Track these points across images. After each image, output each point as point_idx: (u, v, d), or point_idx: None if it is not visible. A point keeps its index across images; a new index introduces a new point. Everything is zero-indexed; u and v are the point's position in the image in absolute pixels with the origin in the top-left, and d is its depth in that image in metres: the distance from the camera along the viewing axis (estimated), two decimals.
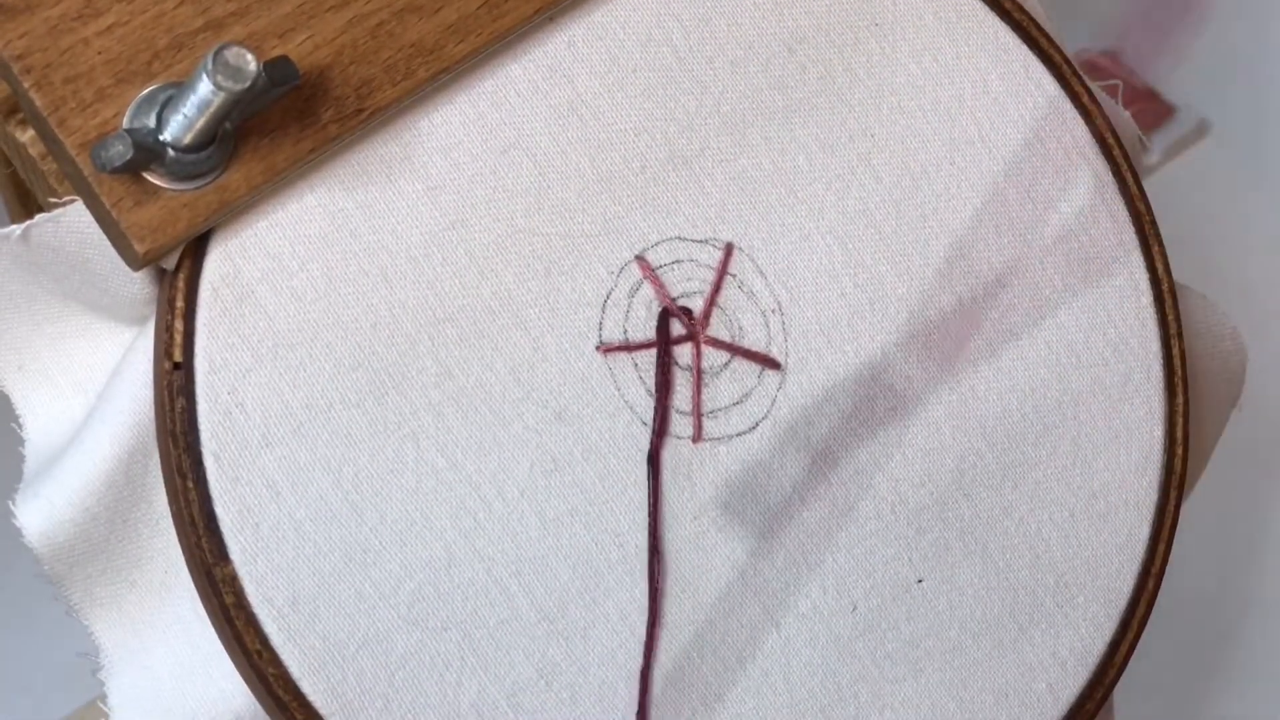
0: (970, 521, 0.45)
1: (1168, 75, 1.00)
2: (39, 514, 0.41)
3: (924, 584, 0.44)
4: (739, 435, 0.43)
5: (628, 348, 0.43)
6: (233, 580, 0.40)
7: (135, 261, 0.39)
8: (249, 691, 0.41)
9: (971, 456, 0.45)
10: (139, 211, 0.38)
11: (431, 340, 0.41)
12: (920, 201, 0.45)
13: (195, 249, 0.40)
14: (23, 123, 0.40)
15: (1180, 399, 0.47)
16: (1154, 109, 1.00)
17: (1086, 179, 0.47)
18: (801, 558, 0.43)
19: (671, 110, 0.43)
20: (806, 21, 0.45)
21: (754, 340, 0.44)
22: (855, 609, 0.44)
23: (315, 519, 0.40)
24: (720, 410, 0.43)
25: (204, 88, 0.35)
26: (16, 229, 0.40)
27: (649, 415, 0.42)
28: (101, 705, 0.42)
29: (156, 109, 0.37)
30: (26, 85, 0.37)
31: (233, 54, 0.35)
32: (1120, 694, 0.48)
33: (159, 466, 0.41)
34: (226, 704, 0.41)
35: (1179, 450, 0.47)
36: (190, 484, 0.39)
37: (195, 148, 0.37)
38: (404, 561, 0.40)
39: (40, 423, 0.43)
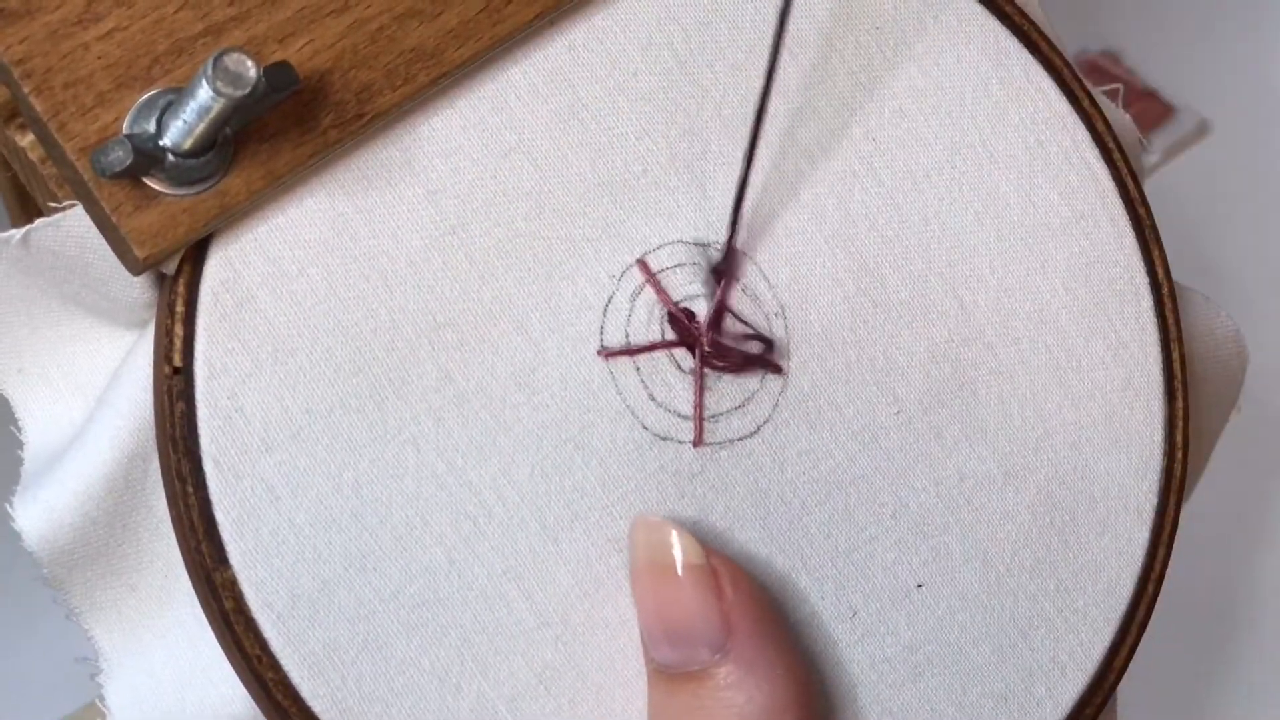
0: (971, 527, 0.45)
1: (1168, 75, 1.00)
2: (38, 517, 0.41)
3: (924, 589, 0.44)
4: (740, 439, 0.43)
5: (630, 351, 0.43)
6: (232, 585, 0.39)
7: (135, 266, 0.38)
8: (248, 696, 0.41)
9: (973, 461, 0.45)
10: (139, 216, 0.38)
11: (432, 345, 0.41)
12: (922, 205, 0.45)
13: (195, 254, 0.40)
14: (22, 127, 0.40)
15: (1180, 403, 0.47)
16: (1154, 109, 1.01)
17: (1087, 183, 0.47)
18: (801, 563, 0.43)
19: (672, 114, 0.43)
20: (807, 26, 0.45)
21: (756, 344, 0.44)
22: (855, 614, 0.44)
23: (315, 524, 0.40)
24: (722, 414, 0.43)
25: (204, 93, 0.35)
26: (16, 233, 0.40)
27: (650, 420, 0.42)
28: (100, 705, 0.42)
29: (156, 114, 0.37)
30: (26, 90, 0.37)
31: (233, 60, 0.35)
32: (1122, 697, 0.48)
33: (159, 471, 0.41)
34: (226, 708, 0.41)
35: (1179, 454, 0.47)
36: (190, 488, 0.39)
37: (195, 153, 0.37)
38: (404, 566, 0.40)
39: (39, 426, 0.43)
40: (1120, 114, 0.50)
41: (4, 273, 0.41)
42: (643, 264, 0.43)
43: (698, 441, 0.43)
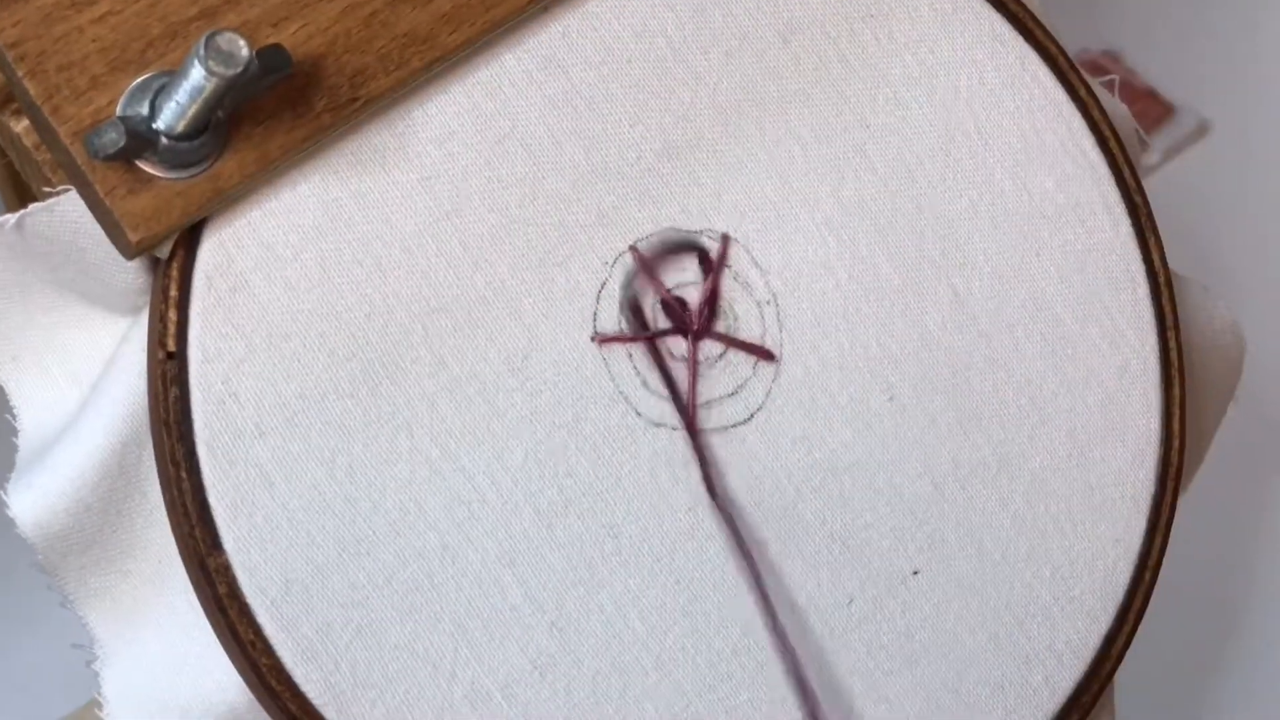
0: (966, 513, 0.45)
1: (1168, 75, 1.00)
2: (32, 503, 0.41)
3: (920, 576, 0.44)
4: (734, 426, 0.43)
5: (622, 339, 0.43)
6: (226, 570, 0.39)
7: (129, 250, 0.39)
8: (242, 682, 0.41)
9: (968, 449, 0.45)
10: (132, 200, 0.38)
11: (425, 330, 0.41)
12: (915, 193, 0.45)
13: (189, 238, 0.40)
14: (17, 112, 0.40)
15: (1177, 391, 0.47)
16: (1154, 109, 1.00)
17: (1083, 171, 0.47)
18: (796, 550, 0.43)
19: (666, 101, 0.43)
20: (801, 12, 0.45)
21: (749, 331, 0.44)
22: (851, 601, 0.44)
23: (309, 509, 0.40)
24: (715, 401, 0.43)
25: (196, 74, 0.36)
26: (10, 218, 0.40)
27: (643, 406, 0.42)
28: (97, 696, 0.42)
29: (150, 97, 0.37)
30: (20, 73, 0.37)
31: (225, 40, 0.35)
32: (1120, 686, 0.48)
33: (153, 456, 0.41)
34: (220, 694, 0.41)
35: (1176, 443, 0.47)
36: (183, 473, 0.39)
37: (188, 135, 0.37)
38: (397, 551, 0.40)
39: (34, 412, 0.43)
40: (1117, 104, 0.50)
41: None
42: (635, 250, 0.43)
43: (691, 427, 0.43)
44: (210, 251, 0.40)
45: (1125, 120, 0.50)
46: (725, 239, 0.44)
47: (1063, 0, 0.54)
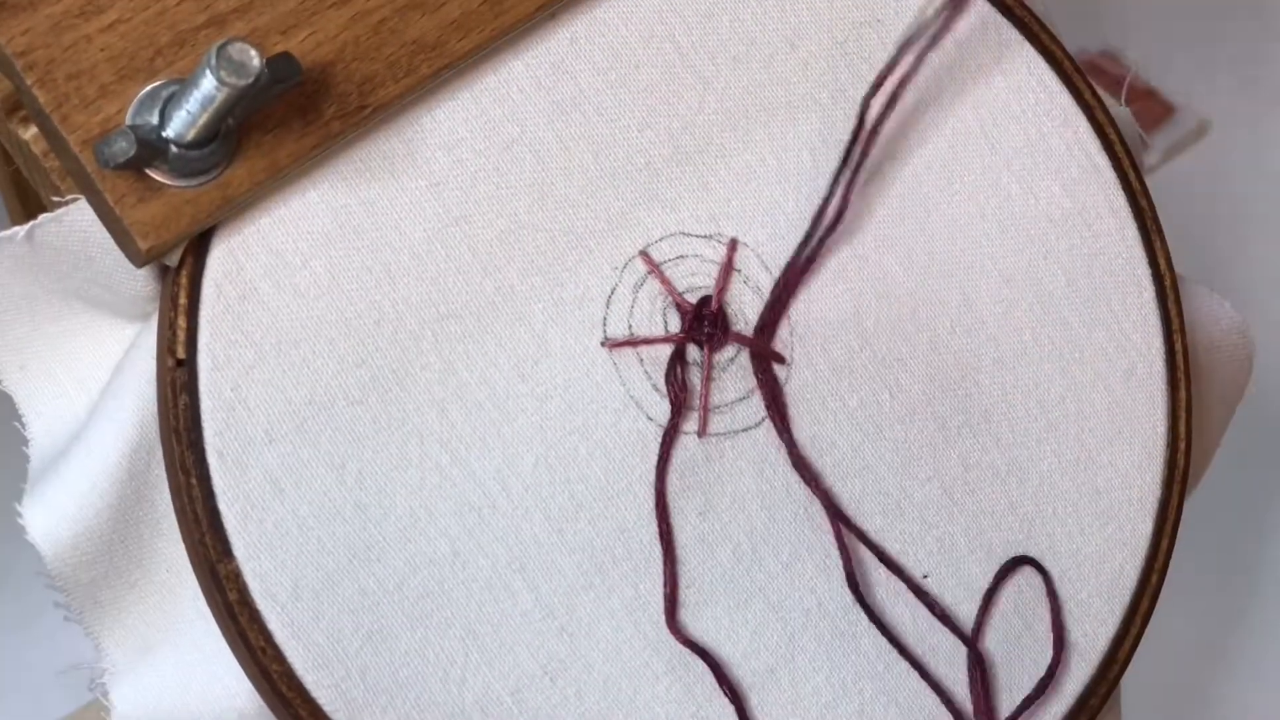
0: (975, 517, 0.45)
1: (1168, 75, 1.01)
2: (44, 514, 0.41)
3: (929, 579, 0.44)
4: (745, 430, 0.43)
5: (633, 343, 0.43)
6: (236, 577, 0.39)
7: (138, 258, 0.39)
8: (253, 689, 0.41)
9: (977, 452, 0.45)
10: (142, 208, 0.38)
11: (435, 336, 0.41)
12: (924, 196, 0.45)
13: (198, 245, 0.40)
14: (25, 120, 0.40)
15: (1183, 394, 0.47)
16: (1154, 109, 1.01)
17: (1088, 175, 0.47)
18: (807, 553, 0.43)
19: (674, 106, 0.43)
20: (808, 18, 0.45)
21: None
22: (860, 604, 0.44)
23: (319, 515, 0.40)
24: (726, 405, 0.43)
25: (207, 84, 0.36)
26: (20, 231, 0.40)
27: (654, 411, 0.42)
28: (104, 700, 0.42)
29: (159, 105, 0.37)
30: (29, 82, 0.37)
31: (236, 49, 0.35)
32: (1126, 688, 0.48)
33: (162, 464, 0.41)
34: (230, 701, 0.41)
35: (1182, 445, 0.47)
36: (193, 480, 0.39)
37: (198, 144, 0.37)
38: (408, 558, 0.40)
39: (44, 422, 0.43)
40: (1120, 108, 0.50)
41: (8, 271, 0.41)
42: (645, 255, 0.43)
43: (702, 432, 0.43)
44: (219, 259, 0.40)
45: (1128, 123, 0.50)
46: (733, 243, 0.44)
47: (1063, 0, 0.54)
